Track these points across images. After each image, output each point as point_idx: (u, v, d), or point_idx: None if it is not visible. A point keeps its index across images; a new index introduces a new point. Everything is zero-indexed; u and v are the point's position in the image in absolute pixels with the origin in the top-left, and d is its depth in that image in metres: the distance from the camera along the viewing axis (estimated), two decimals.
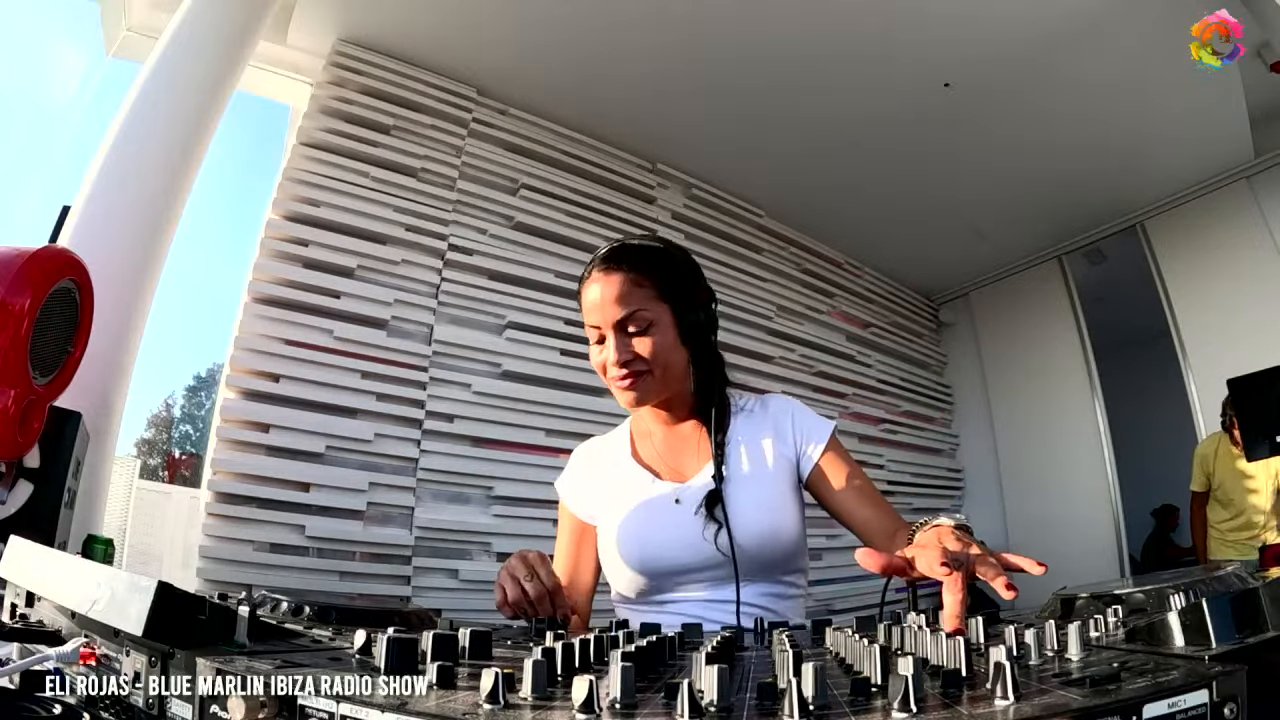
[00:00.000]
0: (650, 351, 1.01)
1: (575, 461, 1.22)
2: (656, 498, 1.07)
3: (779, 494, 1.05)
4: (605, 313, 1.01)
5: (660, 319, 1.02)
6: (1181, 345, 3.79)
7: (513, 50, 2.91)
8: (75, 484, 1.36)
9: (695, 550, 1.01)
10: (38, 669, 0.49)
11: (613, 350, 1.01)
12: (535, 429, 2.84)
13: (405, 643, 0.43)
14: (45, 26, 2.75)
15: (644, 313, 1.01)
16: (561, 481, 1.20)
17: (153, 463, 2.94)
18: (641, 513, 1.07)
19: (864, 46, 2.86)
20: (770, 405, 1.14)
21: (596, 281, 1.02)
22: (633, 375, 1.02)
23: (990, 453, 4.72)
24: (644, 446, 1.15)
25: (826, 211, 4.05)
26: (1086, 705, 0.34)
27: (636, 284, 1.02)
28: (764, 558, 1.01)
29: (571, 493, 1.18)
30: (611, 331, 1.01)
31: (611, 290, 1.01)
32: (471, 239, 2.89)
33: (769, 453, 1.08)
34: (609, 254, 1.05)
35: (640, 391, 1.03)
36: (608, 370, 1.04)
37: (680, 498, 1.06)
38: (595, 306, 1.02)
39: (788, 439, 1.09)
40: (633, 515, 1.07)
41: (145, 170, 1.92)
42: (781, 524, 1.03)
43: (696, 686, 0.37)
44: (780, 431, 1.09)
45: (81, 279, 1.18)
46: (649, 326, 1.02)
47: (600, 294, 1.01)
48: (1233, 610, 0.45)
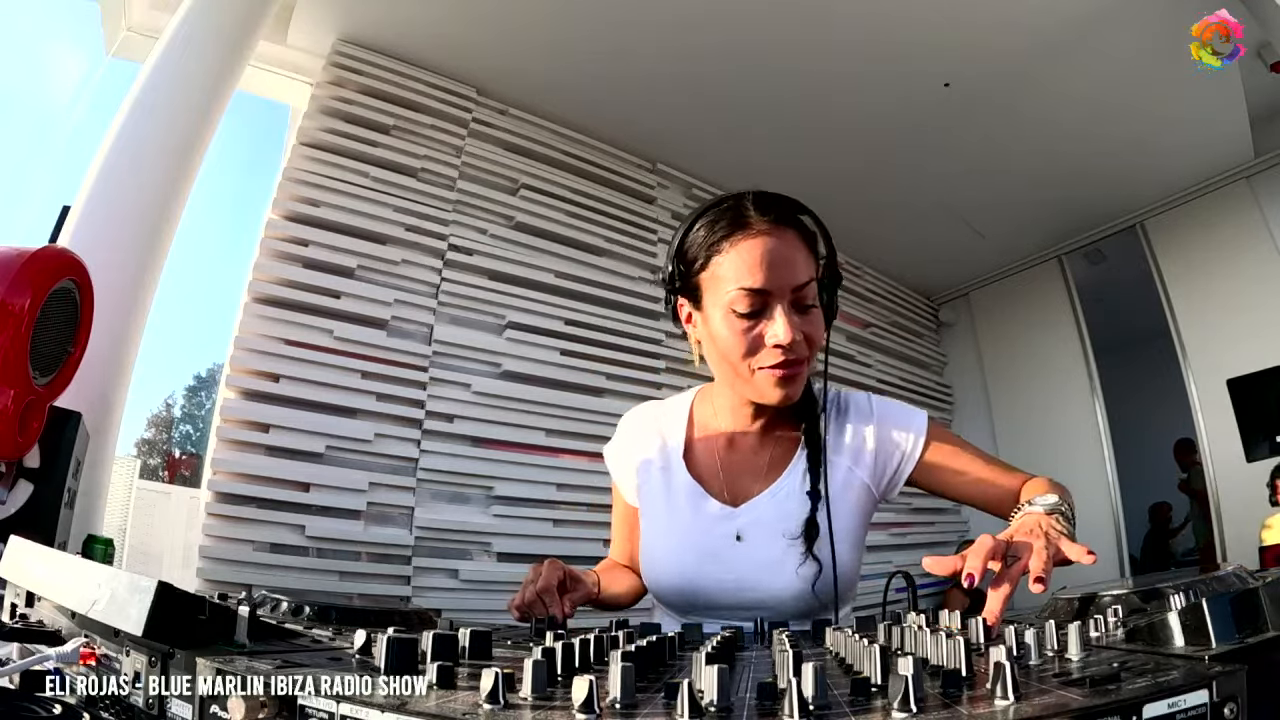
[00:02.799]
0: (816, 334, 0.84)
1: (625, 431, 1.04)
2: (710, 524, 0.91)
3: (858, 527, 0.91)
4: (781, 275, 0.81)
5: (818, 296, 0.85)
6: (1181, 345, 3.79)
7: (513, 50, 2.90)
8: (75, 484, 1.36)
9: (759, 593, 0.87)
10: (38, 669, 0.49)
11: (784, 325, 0.80)
12: (535, 429, 2.83)
13: (405, 643, 0.43)
14: (45, 26, 2.75)
15: (814, 284, 0.84)
16: (610, 451, 1.04)
17: (153, 463, 2.94)
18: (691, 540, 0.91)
19: (864, 46, 2.86)
20: (850, 412, 0.95)
21: (764, 235, 0.82)
22: (798, 362, 0.83)
23: (990, 452, 4.71)
24: (701, 447, 0.97)
25: (826, 211, 4.01)
26: (1086, 705, 0.34)
27: (810, 249, 0.85)
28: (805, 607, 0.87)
29: (618, 470, 1.03)
30: (785, 301, 0.81)
31: (787, 251, 0.82)
32: (471, 239, 2.89)
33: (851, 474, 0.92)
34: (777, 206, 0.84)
35: (796, 385, 0.85)
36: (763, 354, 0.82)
37: (741, 533, 0.89)
38: (766, 266, 0.80)
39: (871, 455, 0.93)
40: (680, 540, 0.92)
41: (145, 170, 1.92)
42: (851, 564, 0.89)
43: (696, 686, 0.37)
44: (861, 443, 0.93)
45: (81, 279, 1.18)
46: (814, 305, 0.84)
47: (772, 252, 0.81)
48: (1233, 610, 0.45)
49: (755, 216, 0.83)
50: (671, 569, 0.92)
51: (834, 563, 0.84)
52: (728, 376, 0.89)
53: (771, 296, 0.82)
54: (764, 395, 0.86)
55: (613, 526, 1.10)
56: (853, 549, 0.90)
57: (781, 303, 0.82)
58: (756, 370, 0.84)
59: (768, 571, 0.87)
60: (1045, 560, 0.61)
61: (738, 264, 0.82)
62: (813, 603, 0.86)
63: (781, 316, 0.81)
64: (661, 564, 0.93)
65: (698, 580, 0.90)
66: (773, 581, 0.87)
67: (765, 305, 0.82)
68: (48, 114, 2.80)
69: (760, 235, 0.82)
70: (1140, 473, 4.34)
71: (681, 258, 0.88)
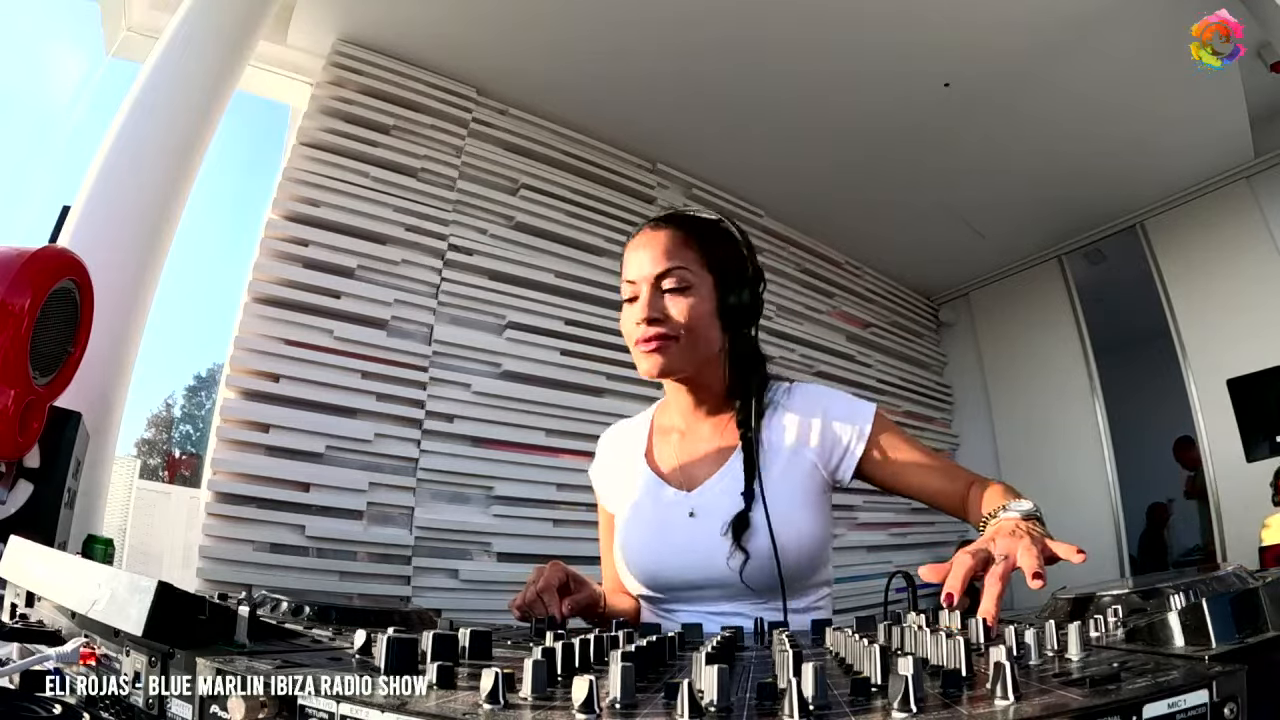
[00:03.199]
0: (684, 314, 0.94)
1: (601, 449, 1.15)
2: (666, 507, 1.00)
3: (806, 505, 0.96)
4: (643, 267, 0.95)
5: (700, 285, 0.96)
6: (1181, 345, 3.79)
7: (513, 50, 2.90)
8: (75, 484, 1.36)
9: (709, 570, 0.94)
10: (38, 669, 0.49)
11: (642, 306, 0.94)
12: (535, 429, 2.83)
13: (405, 643, 0.43)
14: (45, 26, 2.75)
15: (684, 272, 0.95)
16: (593, 469, 1.15)
17: (153, 463, 2.94)
18: (651, 523, 1.00)
19: (864, 46, 2.86)
20: (796, 397, 1.03)
21: (642, 237, 0.98)
22: (659, 338, 0.94)
23: (990, 453, 4.71)
24: (660, 445, 1.07)
25: (826, 211, 4.05)
26: (1086, 705, 0.34)
27: (684, 244, 0.97)
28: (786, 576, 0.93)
29: (599, 482, 1.14)
30: (647, 286, 0.95)
31: (656, 246, 0.96)
32: (471, 239, 2.89)
33: (797, 456, 0.98)
34: (662, 215, 1.03)
35: (664, 358, 0.94)
36: (634, 330, 0.96)
37: (694, 510, 0.97)
38: (635, 260, 0.97)
39: (818, 440, 0.99)
40: (642, 524, 1.01)
41: (145, 170, 1.92)
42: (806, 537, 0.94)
43: (696, 686, 0.37)
44: (807, 430, 0.99)
45: (81, 279, 1.18)
46: (687, 289, 0.95)
47: (641, 248, 0.97)
48: (1233, 610, 0.45)
49: (645, 224, 1.02)
50: (637, 549, 1.00)
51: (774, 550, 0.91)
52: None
53: (637, 284, 0.96)
54: (642, 369, 0.97)
55: (601, 548, 1.14)
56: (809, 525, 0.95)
57: (645, 288, 0.95)
58: (635, 348, 0.97)
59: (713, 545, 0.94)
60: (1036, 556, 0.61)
61: (626, 262, 0.99)
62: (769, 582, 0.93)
63: (643, 298, 0.95)
64: (630, 548, 1.01)
65: (661, 556, 0.98)
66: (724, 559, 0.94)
67: (637, 293, 0.96)
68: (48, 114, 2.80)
69: (639, 237, 1.00)
70: (1140, 473, 4.34)
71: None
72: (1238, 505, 3.50)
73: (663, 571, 0.98)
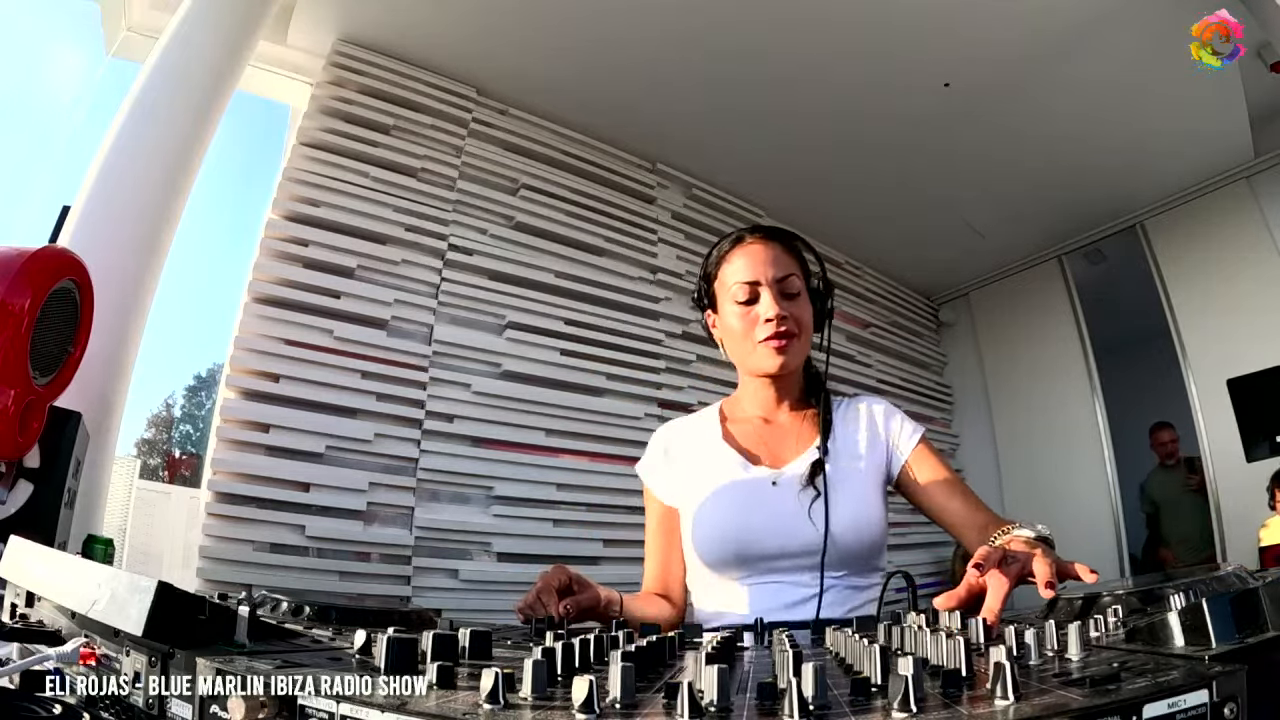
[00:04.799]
0: (803, 316, 1.05)
1: (656, 444, 1.18)
2: (751, 481, 1.06)
3: (872, 491, 1.05)
4: (767, 269, 1.04)
5: (805, 292, 1.07)
6: (1181, 345, 3.79)
7: (513, 50, 2.91)
8: (75, 484, 1.36)
9: (791, 535, 1.00)
10: (38, 669, 0.49)
11: (770, 305, 1.02)
12: (535, 429, 2.83)
13: (405, 643, 0.43)
14: (45, 26, 2.75)
15: (797, 280, 1.06)
16: (643, 466, 1.17)
17: (153, 463, 2.94)
18: (736, 495, 1.05)
19: (864, 46, 2.86)
20: (863, 405, 1.14)
21: (755, 244, 1.07)
22: (787, 335, 1.03)
23: (990, 453, 4.71)
24: (739, 431, 1.13)
25: (826, 211, 4.04)
26: (1086, 705, 0.34)
27: (790, 254, 1.08)
28: (853, 549, 1.01)
29: (655, 476, 1.14)
30: (770, 288, 1.03)
31: (772, 252, 1.06)
32: (471, 239, 2.89)
33: (863, 451, 1.08)
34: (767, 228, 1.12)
35: (790, 355, 1.04)
36: (758, 328, 1.04)
37: (777, 481, 1.04)
38: (754, 263, 1.05)
39: (880, 440, 1.09)
40: (727, 498, 1.05)
41: (145, 170, 1.92)
42: (873, 519, 1.03)
43: (696, 686, 0.37)
44: (873, 431, 1.09)
45: (81, 279, 1.18)
46: (799, 294, 1.06)
47: (761, 253, 1.05)
48: (1233, 610, 0.45)
49: (747, 234, 1.10)
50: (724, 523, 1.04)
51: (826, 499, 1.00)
52: (741, 358, 1.09)
53: (760, 285, 1.04)
54: (765, 364, 1.05)
55: (647, 547, 1.15)
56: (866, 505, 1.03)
57: (769, 289, 1.04)
58: (757, 345, 1.04)
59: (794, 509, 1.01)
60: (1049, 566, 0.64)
61: (736, 266, 1.07)
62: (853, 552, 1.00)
63: (768, 297, 1.03)
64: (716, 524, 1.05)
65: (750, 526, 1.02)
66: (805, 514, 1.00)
67: (757, 293, 1.04)
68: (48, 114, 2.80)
69: (750, 244, 1.08)
70: (1140, 473, 4.34)
71: (704, 278, 1.14)
72: (1238, 505, 3.50)
73: (751, 540, 1.02)
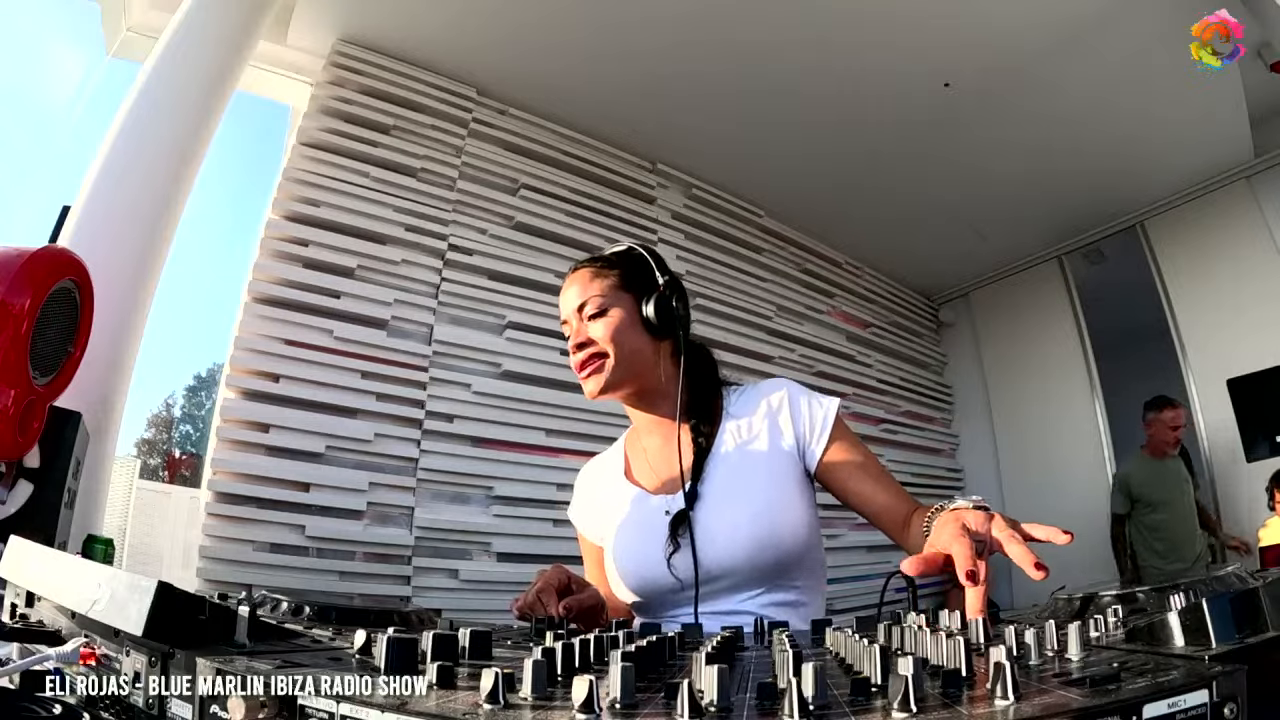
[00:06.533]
0: (604, 334, 1.02)
1: (579, 486, 1.20)
2: (651, 513, 1.03)
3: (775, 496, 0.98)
4: (568, 304, 1.06)
5: (618, 305, 1.04)
6: (1181, 345, 3.79)
7: (513, 50, 2.90)
8: (75, 484, 1.36)
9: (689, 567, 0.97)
10: (38, 669, 0.49)
11: (572, 336, 1.05)
12: (535, 429, 2.83)
13: (405, 643, 0.43)
14: (45, 26, 2.75)
15: (599, 298, 1.04)
16: (571, 509, 1.20)
17: (153, 463, 2.94)
18: (640, 531, 1.03)
19: (864, 46, 2.86)
20: (763, 391, 1.07)
21: (565, 283, 1.09)
22: (589, 360, 1.03)
23: (990, 453, 4.72)
24: (638, 462, 1.12)
25: (826, 211, 4.05)
26: (1086, 705, 0.34)
27: (596, 275, 1.07)
28: (761, 568, 0.95)
29: (580, 518, 1.17)
30: (574, 318, 1.05)
31: (573, 285, 1.07)
32: (471, 239, 2.89)
33: (764, 449, 1.01)
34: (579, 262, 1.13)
35: (598, 377, 1.02)
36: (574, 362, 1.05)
37: (670, 509, 1.01)
38: (563, 303, 1.08)
39: (785, 430, 1.02)
40: (633, 535, 1.05)
41: (145, 170, 1.92)
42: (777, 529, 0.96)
43: (696, 686, 0.37)
44: (775, 422, 1.03)
45: (81, 279, 1.18)
46: (604, 311, 1.04)
47: (564, 292, 1.08)
48: (1233, 610, 0.45)
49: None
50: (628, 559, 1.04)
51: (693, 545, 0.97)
52: None
53: (568, 323, 1.06)
54: (585, 391, 1.04)
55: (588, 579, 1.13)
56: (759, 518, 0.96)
57: (573, 319, 1.05)
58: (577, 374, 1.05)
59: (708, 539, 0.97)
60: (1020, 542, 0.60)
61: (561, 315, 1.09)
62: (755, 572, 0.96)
63: (572, 330, 1.05)
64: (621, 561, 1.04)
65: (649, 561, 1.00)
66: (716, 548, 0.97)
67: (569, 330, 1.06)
68: (48, 114, 2.80)
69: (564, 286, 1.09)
70: None
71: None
72: (1238, 505, 3.50)
73: (653, 576, 1.00)
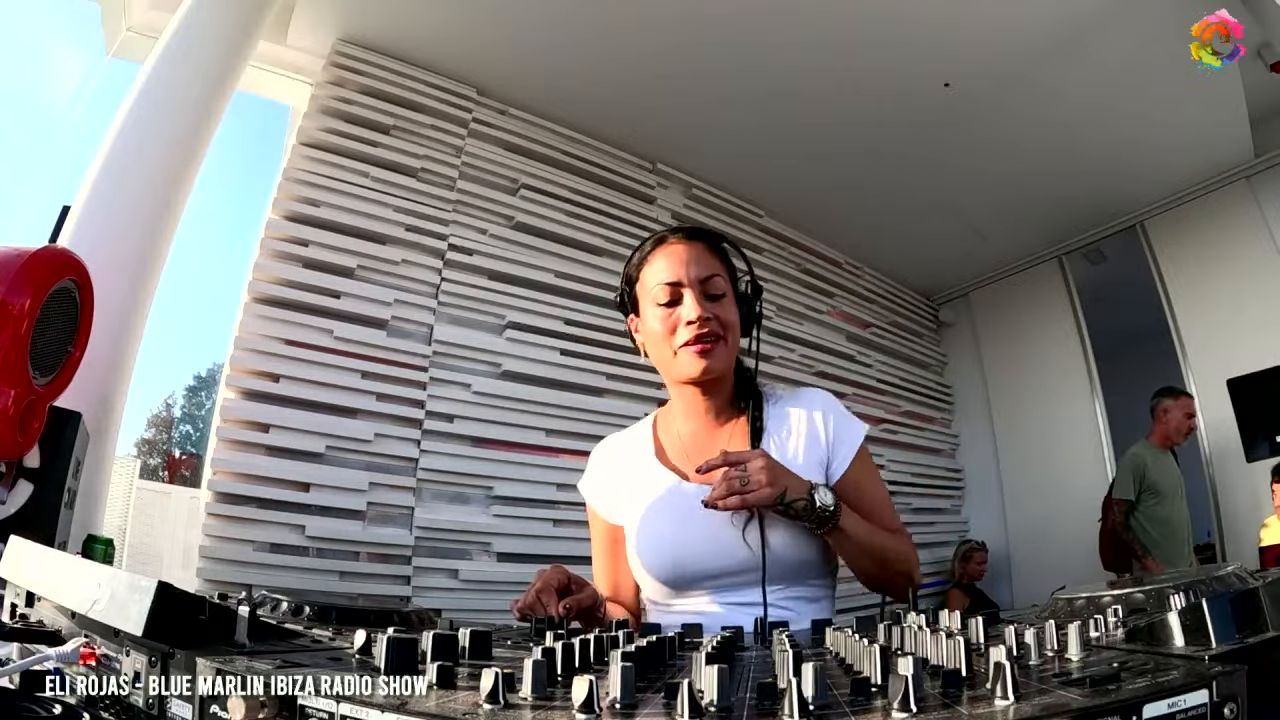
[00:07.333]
0: (730, 318, 1.01)
1: (596, 461, 1.17)
2: (685, 499, 1.02)
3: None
4: (688, 269, 1.00)
5: (729, 292, 1.03)
6: (1181, 345, 3.79)
7: (513, 50, 2.90)
8: (75, 484, 1.36)
9: (729, 555, 0.98)
10: (38, 669, 0.49)
11: (693, 306, 0.98)
12: (535, 429, 2.83)
13: (405, 643, 0.43)
14: (45, 26, 2.75)
15: (721, 280, 1.02)
16: (584, 484, 1.16)
17: (153, 463, 2.94)
18: (673, 515, 1.03)
19: (864, 46, 2.86)
20: (804, 399, 1.09)
21: (677, 244, 1.03)
22: (711, 338, 0.99)
23: (990, 453, 4.71)
24: (670, 446, 1.10)
25: (826, 211, 4.04)
26: (1086, 705, 0.34)
27: (714, 254, 1.04)
28: (794, 560, 0.98)
29: (596, 495, 1.14)
30: (693, 288, 1.00)
31: (695, 253, 1.02)
32: (471, 239, 2.89)
33: (802, 451, 1.04)
34: (689, 228, 1.08)
35: (714, 359, 0.99)
36: (679, 331, 0.99)
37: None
38: (675, 264, 1.01)
39: (820, 440, 1.04)
40: (664, 518, 1.03)
41: (145, 170, 1.92)
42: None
43: (696, 686, 0.37)
44: (814, 430, 1.05)
45: (81, 279, 1.18)
46: (724, 295, 1.02)
47: (683, 254, 1.02)
48: (1233, 610, 0.45)
49: (669, 235, 1.06)
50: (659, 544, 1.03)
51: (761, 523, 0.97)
52: (664, 363, 1.05)
53: (682, 286, 1.00)
54: (688, 369, 1.01)
55: (595, 564, 1.15)
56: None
57: (691, 291, 1.00)
58: (679, 350, 1.00)
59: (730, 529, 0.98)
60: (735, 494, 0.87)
61: (657, 266, 1.03)
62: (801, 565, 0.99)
63: (691, 300, 0.99)
64: (651, 544, 1.03)
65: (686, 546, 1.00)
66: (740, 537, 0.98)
67: (679, 295, 1.00)
68: (48, 114, 2.80)
69: (672, 245, 1.04)
70: None
71: (626, 281, 1.10)
72: (1238, 505, 3.50)
73: (691, 560, 1.00)
